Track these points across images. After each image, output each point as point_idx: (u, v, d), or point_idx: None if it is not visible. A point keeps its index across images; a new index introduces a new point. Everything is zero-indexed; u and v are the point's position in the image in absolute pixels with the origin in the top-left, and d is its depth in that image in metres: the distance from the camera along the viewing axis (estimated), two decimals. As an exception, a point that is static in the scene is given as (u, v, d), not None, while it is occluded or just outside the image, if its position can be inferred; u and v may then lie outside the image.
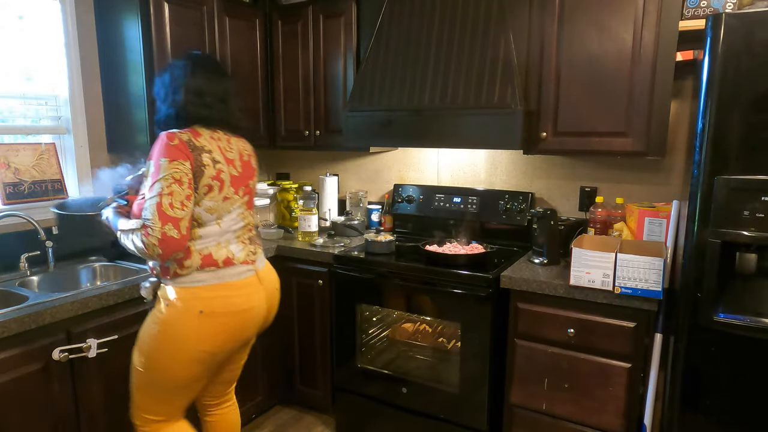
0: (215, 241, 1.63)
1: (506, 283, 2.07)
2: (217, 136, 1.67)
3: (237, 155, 1.72)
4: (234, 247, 1.68)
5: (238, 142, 1.77)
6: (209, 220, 1.62)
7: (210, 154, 1.61)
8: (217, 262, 1.62)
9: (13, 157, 2.21)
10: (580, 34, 2.08)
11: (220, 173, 1.62)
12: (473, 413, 2.18)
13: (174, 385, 1.66)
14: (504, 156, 2.68)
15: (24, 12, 2.24)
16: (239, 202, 1.70)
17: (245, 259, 1.70)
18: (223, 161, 1.64)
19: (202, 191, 1.59)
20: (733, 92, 1.51)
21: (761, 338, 1.55)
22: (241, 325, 1.68)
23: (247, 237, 1.76)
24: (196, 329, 1.58)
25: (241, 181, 1.71)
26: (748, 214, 1.53)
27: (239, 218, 1.71)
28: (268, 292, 1.78)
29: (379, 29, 2.42)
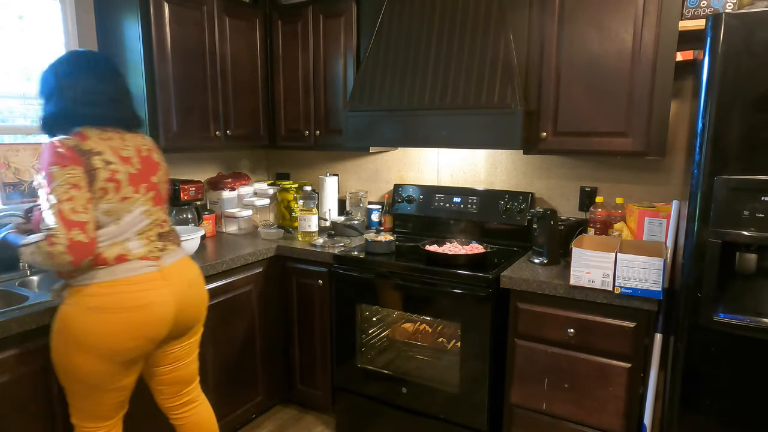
0: (110, 241, 1.58)
1: (506, 283, 2.07)
2: (107, 136, 1.62)
3: (134, 152, 1.67)
4: (132, 244, 1.62)
5: (135, 138, 1.71)
6: (107, 222, 1.58)
7: (101, 156, 1.56)
8: (107, 260, 1.56)
9: (13, 157, 2.21)
10: (580, 34, 2.08)
11: (115, 174, 1.58)
12: (473, 413, 2.18)
13: (87, 384, 1.61)
14: (504, 156, 2.68)
15: (24, 12, 2.24)
16: (142, 200, 1.66)
17: (145, 255, 1.63)
18: (117, 161, 1.60)
19: (97, 195, 1.55)
20: (733, 92, 1.51)
21: (761, 338, 1.55)
22: (142, 322, 1.59)
23: (156, 234, 1.70)
24: (88, 327, 1.54)
25: (142, 178, 1.67)
26: (748, 214, 1.53)
27: (143, 216, 1.66)
28: (177, 289, 1.68)
29: (379, 29, 2.42)
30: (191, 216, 2.70)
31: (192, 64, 2.48)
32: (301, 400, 2.80)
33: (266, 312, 2.62)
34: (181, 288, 1.71)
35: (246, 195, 3.01)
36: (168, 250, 1.72)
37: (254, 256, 2.49)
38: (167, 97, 2.38)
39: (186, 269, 1.77)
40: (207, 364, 2.32)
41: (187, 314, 1.75)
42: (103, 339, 1.55)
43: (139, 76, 2.32)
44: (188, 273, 1.77)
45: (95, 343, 1.55)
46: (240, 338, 2.48)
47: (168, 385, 1.85)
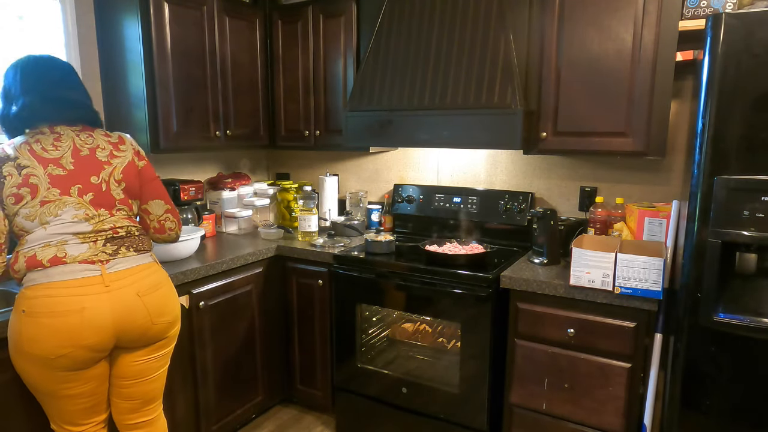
0: (42, 243, 1.53)
1: (506, 283, 2.08)
2: (35, 139, 1.57)
3: (67, 152, 1.59)
4: (71, 247, 1.54)
5: (75, 137, 1.63)
6: (33, 226, 1.54)
7: (15, 162, 1.52)
8: (41, 262, 1.51)
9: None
10: (580, 34, 2.08)
11: (30, 178, 1.52)
12: (473, 413, 2.18)
13: (39, 391, 1.58)
14: (504, 156, 2.68)
15: (24, 12, 2.24)
16: (73, 202, 1.57)
17: (88, 259, 1.55)
18: (34, 164, 1.53)
19: (9, 202, 1.51)
20: (732, 92, 1.51)
21: (761, 338, 1.55)
22: (71, 328, 1.49)
23: (104, 237, 1.60)
24: (21, 331, 1.50)
25: (73, 179, 1.58)
26: (748, 214, 1.53)
27: (81, 219, 1.58)
28: (119, 296, 1.57)
29: (379, 29, 2.42)
30: (191, 216, 2.70)
31: (192, 64, 2.48)
32: (301, 400, 2.80)
33: (266, 312, 2.62)
34: (125, 296, 1.58)
35: (246, 195, 3.02)
36: (119, 255, 1.61)
37: (254, 256, 2.49)
38: (167, 97, 2.38)
39: (138, 276, 1.63)
40: (207, 364, 2.32)
41: (134, 325, 1.61)
42: (34, 344, 1.49)
43: (139, 76, 2.32)
44: (140, 281, 1.63)
45: (28, 348, 1.50)
46: (240, 338, 2.48)
47: (124, 399, 1.73)
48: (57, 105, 1.63)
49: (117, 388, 1.72)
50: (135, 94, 2.36)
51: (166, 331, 1.72)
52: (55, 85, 1.64)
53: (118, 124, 2.46)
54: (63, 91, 1.66)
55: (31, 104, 1.59)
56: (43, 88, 1.62)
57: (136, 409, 1.76)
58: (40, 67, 1.65)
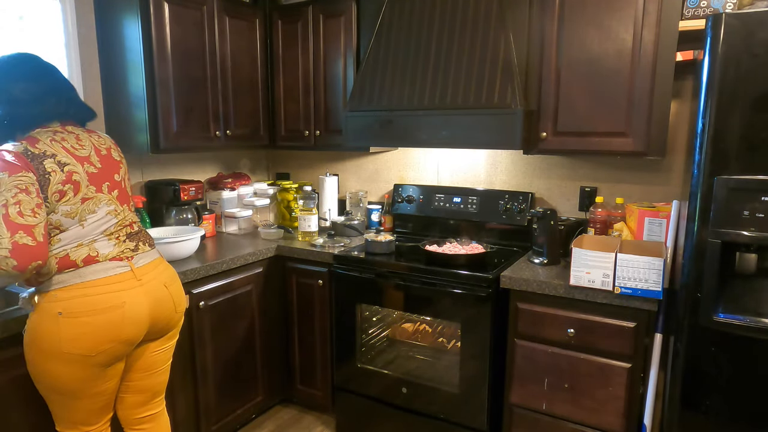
0: (76, 243, 1.55)
1: (506, 283, 2.07)
2: (60, 137, 1.56)
3: (92, 151, 1.62)
4: (101, 245, 1.58)
5: (91, 136, 1.66)
6: (71, 224, 1.55)
7: (54, 159, 1.51)
8: (75, 262, 1.53)
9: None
10: (580, 34, 2.08)
11: (72, 175, 1.53)
12: (473, 413, 2.18)
13: (64, 392, 1.57)
14: (504, 156, 2.68)
15: (24, 12, 2.24)
16: (106, 199, 1.62)
17: (117, 256, 1.60)
18: (73, 162, 1.55)
19: (53, 198, 1.50)
20: (733, 92, 1.51)
21: (761, 338, 1.55)
22: (115, 324, 1.54)
23: (125, 234, 1.66)
24: (57, 332, 1.50)
25: (103, 177, 1.63)
26: (748, 214, 1.53)
27: (110, 216, 1.63)
28: (150, 289, 1.64)
29: (379, 29, 2.42)
30: (191, 216, 2.70)
31: (192, 64, 2.48)
32: (301, 400, 2.80)
33: (266, 312, 2.62)
34: (156, 288, 1.67)
35: (246, 195, 3.02)
36: (140, 251, 1.68)
37: (254, 256, 2.49)
38: (167, 97, 2.38)
39: (160, 270, 1.72)
40: (207, 364, 2.32)
41: (163, 315, 1.70)
42: (74, 344, 1.50)
43: (139, 76, 2.32)
44: (162, 274, 1.72)
45: (67, 349, 1.50)
46: (240, 338, 2.48)
47: (133, 393, 1.77)
48: (73, 106, 1.65)
49: (128, 382, 1.76)
50: (135, 94, 2.36)
51: (178, 321, 1.81)
52: (64, 86, 1.65)
53: (118, 124, 2.46)
54: (70, 92, 1.67)
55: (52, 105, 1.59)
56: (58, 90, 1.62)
57: (144, 403, 1.81)
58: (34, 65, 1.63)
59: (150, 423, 1.84)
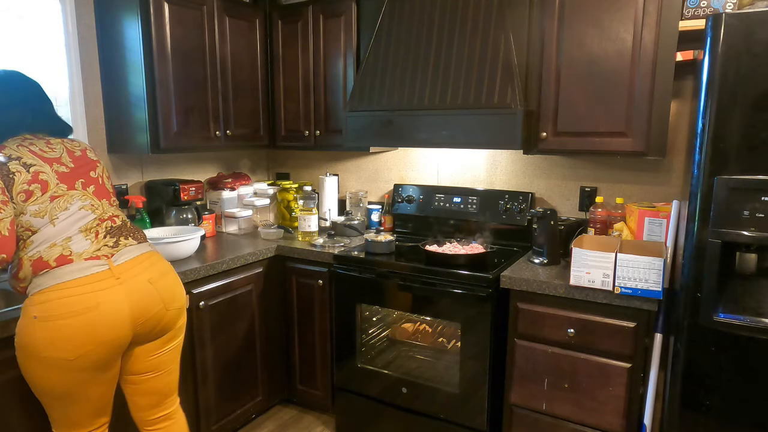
0: (48, 243, 1.53)
1: (506, 283, 2.07)
2: (29, 142, 1.59)
3: (63, 153, 1.64)
4: (76, 243, 1.55)
5: (64, 141, 1.69)
6: (42, 224, 1.54)
7: (19, 161, 1.53)
8: (48, 263, 1.51)
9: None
10: (580, 34, 2.08)
11: (39, 174, 1.55)
12: (473, 413, 2.18)
13: (52, 396, 1.56)
14: (504, 156, 2.68)
15: (24, 12, 2.24)
16: (79, 195, 1.61)
17: (93, 255, 1.56)
18: (39, 162, 1.56)
19: (19, 199, 1.51)
20: (732, 92, 1.51)
21: (761, 338, 1.55)
22: (91, 326, 1.50)
23: (104, 229, 1.63)
24: (36, 337, 1.48)
25: (77, 174, 1.63)
26: (748, 214, 1.53)
27: (86, 211, 1.61)
28: (132, 287, 1.58)
29: (379, 29, 2.42)
30: (191, 216, 2.70)
31: (192, 64, 2.48)
32: (301, 400, 2.80)
33: (266, 312, 2.62)
34: (137, 285, 1.60)
35: (246, 195, 3.02)
36: (121, 246, 1.63)
37: (254, 256, 2.49)
38: (167, 97, 2.38)
39: (145, 266, 1.65)
40: (207, 364, 2.32)
41: (150, 314, 1.63)
42: (52, 348, 1.48)
43: (139, 76, 2.32)
44: (149, 269, 1.65)
45: (48, 353, 1.48)
46: (240, 338, 2.48)
47: (143, 395, 1.75)
48: (41, 117, 1.69)
49: (134, 385, 1.74)
50: (135, 94, 2.36)
51: (177, 320, 1.74)
52: (35, 98, 1.70)
53: (118, 124, 2.46)
54: (42, 104, 1.71)
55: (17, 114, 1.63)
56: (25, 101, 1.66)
57: (156, 404, 1.79)
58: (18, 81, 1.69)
59: (165, 422, 1.82)
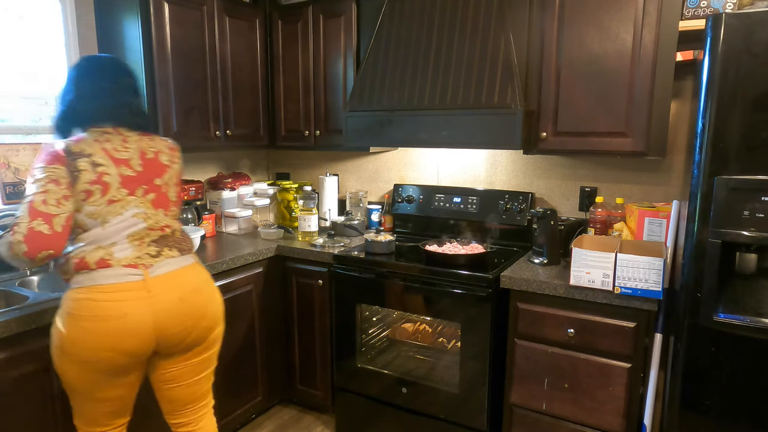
0: (94, 245, 1.54)
1: (506, 283, 2.07)
2: (105, 138, 1.59)
3: (136, 154, 1.63)
4: (119, 249, 1.55)
5: (142, 140, 1.67)
6: (93, 225, 1.55)
7: (90, 158, 1.53)
8: (88, 264, 1.51)
9: (13, 157, 2.21)
10: (580, 34, 2.08)
11: (102, 176, 1.54)
12: (473, 413, 2.18)
13: (73, 390, 1.58)
14: (504, 156, 2.68)
15: (24, 12, 2.24)
16: (137, 202, 1.60)
17: (132, 262, 1.55)
18: (108, 163, 1.56)
19: (80, 197, 1.52)
20: (732, 92, 1.51)
21: (761, 338, 1.55)
22: (113, 333, 1.49)
23: (152, 238, 1.62)
24: (65, 332, 1.51)
25: (140, 180, 1.62)
26: (748, 214, 1.53)
27: (138, 219, 1.60)
28: (160, 301, 1.55)
29: (379, 29, 2.42)
30: (191, 216, 2.70)
31: (192, 64, 2.48)
32: (301, 400, 2.80)
33: (266, 312, 2.62)
34: (167, 303, 1.57)
35: (246, 195, 3.02)
36: (163, 257, 1.61)
37: (254, 256, 2.49)
38: (167, 97, 2.38)
39: (182, 280, 1.62)
40: (207, 364, 2.32)
41: (176, 329, 1.60)
42: (75, 346, 1.50)
43: (139, 76, 2.32)
44: (183, 285, 1.62)
45: (69, 349, 1.50)
46: (240, 338, 2.48)
47: (163, 401, 1.76)
48: (125, 110, 1.66)
49: (158, 390, 1.75)
50: (135, 94, 2.36)
51: (206, 336, 1.69)
52: (124, 90, 1.68)
53: (118, 124, 2.46)
54: (128, 97, 1.68)
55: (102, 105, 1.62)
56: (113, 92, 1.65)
57: (175, 410, 1.77)
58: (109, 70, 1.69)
59: (187, 428, 1.79)
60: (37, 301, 1.75)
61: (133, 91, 1.72)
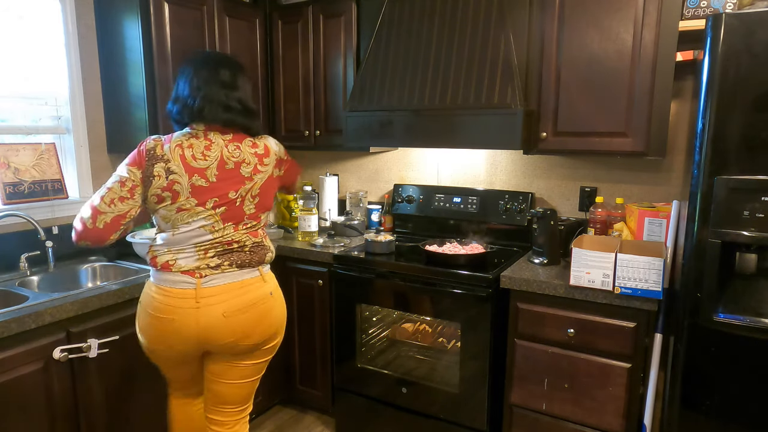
0: (166, 247, 1.62)
1: (506, 283, 2.07)
2: (189, 143, 1.59)
3: (214, 163, 1.60)
4: (183, 255, 1.60)
5: (226, 146, 1.63)
6: (166, 227, 1.63)
7: (166, 164, 1.56)
8: (157, 264, 1.62)
9: (13, 157, 2.21)
10: (580, 34, 2.08)
11: (173, 184, 1.56)
12: (473, 413, 2.18)
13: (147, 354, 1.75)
14: (504, 156, 2.68)
15: (24, 12, 2.24)
16: (205, 214, 1.60)
17: (191, 270, 1.59)
18: (181, 172, 1.56)
19: (152, 200, 1.58)
20: (733, 92, 1.51)
21: (761, 338, 1.55)
22: (165, 332, 1.61)
23: (216, 251, 1.63)
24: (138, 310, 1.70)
25: (213, 192, 1.60)
26: (748, 214, 1.53)
27: (204, 231, 1.61)
28: (204, 317, 1.59)
29: (379, 29, 2.42)
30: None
31: (192, 64, 2.47)
32: (301, 400, 2.80)
33: (266, 312, 2.61)
34: (210, 317, 1.60)
35: (246, 195, 3.01)
36: (221, 270, 1.62)
37: (254, 256, 2.49)
38: (167, 97, 2.36)
39: (229, 296, 1.62)
40: (207, 364, 2.32)
41: (221, 343, 1.63)
42: (139, 330, 1.69)
43: (139, 76, 2.32)
44: (229, 302, 1.62)
45: (138, 329, 1.70)
46: (240, 338, 2.47)
47: (210, 394, 1.78)
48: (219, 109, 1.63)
49: (205, 379, 1.81)
50: (135, 94, 2.36)
51: (252, 350, 1.71)
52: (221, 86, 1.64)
53: (118, 124, 2.46)
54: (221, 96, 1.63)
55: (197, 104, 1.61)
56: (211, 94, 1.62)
57: (215, 406, 1.79)
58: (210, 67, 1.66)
59: (214, 427, 1.80)
60: (37, 302, 1.76)
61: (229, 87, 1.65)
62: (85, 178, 2.45)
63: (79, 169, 2.43)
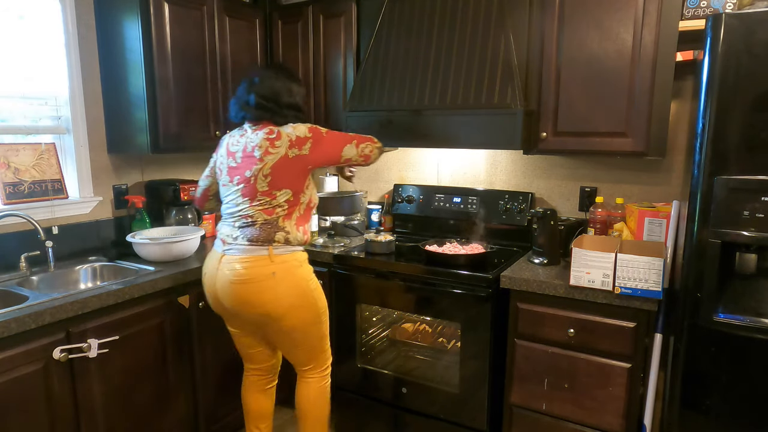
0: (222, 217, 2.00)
1: (506, 283, 2.07)
2: (233, 135, 1.98)
3: (241, 147, 1.91)
4: (224, 224, 1.96)
5: (248, 134, 1.92)
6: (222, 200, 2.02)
7: (220, 149, 2.00)
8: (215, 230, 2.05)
9: (13, 157, 2.21)
10: (580, 34, 2.08)
11: (219, 164, 1.99)
12: (473, 413, 2.18)
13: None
14: (504, 156, 2.68)
15: (24, 12, 2.24)
16: (232, 189, 1.92)
17: (224, 238, 1.93)
18: (224, 154, 1.96)
19: (214, 176, 2.07)
20: (733, 92, 1.51)
21: (761, 338, 1.56)
22: (204, 284, 2.00)
23: (239, 223, 1.91)
24: None
25: (237, 171, 1.91)
26: (748, 214, 1.53)
27: (233, 204, 1.93)
28: (220, 280, 1.90)
29: (379, 29, 2.42)
30: (191, 216, 2.70)
31: (192, 64, 2.48)
32: (301, 400, 2.79)
33: (266, 312, 2.61)
34: (223, 279, 1.89)
35: (246, 195, 3.01)
36: (236, 243, 1.88)
37: (254, 256, 2.49)
38: (167, 97, 2.38)
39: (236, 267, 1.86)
40: (207, 364, 2.32)
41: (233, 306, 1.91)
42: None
43: (139, 76, 2.32)
44: (234, 272, 1.86)
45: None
46: (240, 338, 2.47)
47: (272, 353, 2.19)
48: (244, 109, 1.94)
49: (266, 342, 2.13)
50: (135, 94, 2.36)
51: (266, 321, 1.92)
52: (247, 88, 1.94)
53: (118, 124, 2.46)
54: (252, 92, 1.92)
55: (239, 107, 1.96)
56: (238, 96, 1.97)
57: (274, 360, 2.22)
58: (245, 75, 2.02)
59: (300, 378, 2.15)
60: (37, 301, 1.76)
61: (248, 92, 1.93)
62: (85, 178, 2.45)
63: (79, 169, 2.43)
